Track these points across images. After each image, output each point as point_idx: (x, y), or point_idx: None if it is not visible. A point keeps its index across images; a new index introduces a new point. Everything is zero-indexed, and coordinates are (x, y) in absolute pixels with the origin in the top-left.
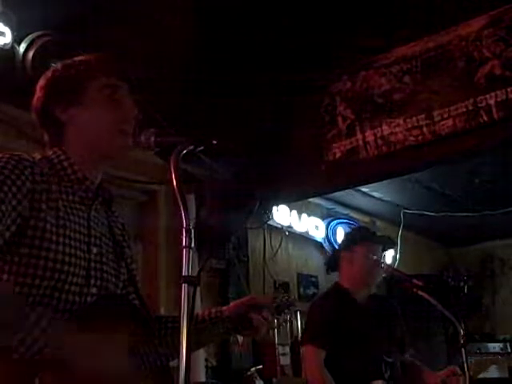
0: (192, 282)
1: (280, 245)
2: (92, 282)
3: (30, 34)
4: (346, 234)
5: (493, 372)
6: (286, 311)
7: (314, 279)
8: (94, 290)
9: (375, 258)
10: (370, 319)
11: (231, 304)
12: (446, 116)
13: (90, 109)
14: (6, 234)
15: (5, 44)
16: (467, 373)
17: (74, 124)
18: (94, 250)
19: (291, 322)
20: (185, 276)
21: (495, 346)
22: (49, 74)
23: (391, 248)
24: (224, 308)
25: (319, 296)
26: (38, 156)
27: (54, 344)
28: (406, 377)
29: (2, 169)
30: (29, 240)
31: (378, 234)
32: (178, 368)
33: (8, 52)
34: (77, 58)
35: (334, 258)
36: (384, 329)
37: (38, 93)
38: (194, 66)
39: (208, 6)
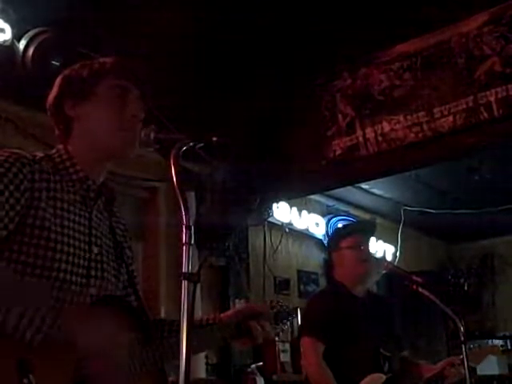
0: (192, 278)
1: (280, 242)
2: (92, 281)
3: (30, 30)
4: (330, 236)
5: (493, 368)
6: (284, 321)
7: (314, 276)
8: (93, 290)
9: (362, 247)
10: (369, 313)
11: (229, 311)
12: (446, 113)
13: (98, 106)
14: (3, 233)
15: (4, 41)
16: (467, 368)
17: (81, 120)
18: (95, 249)
19: (291, 320)
20: (185, 273)
21: (495, 343)
22: (66, 72)
23: (374, 230)
24: (222, 315)
25: (317, 290)
26: (40, 154)
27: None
28: (404, 371)
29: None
30: (27, 238)
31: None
32: (178, 365)
33: (8, 49)
34: (94, 60)
35: (327, 265)
36: (382, 325)
37: (53, 89)
38: (194, 63)
39: (208, 3)
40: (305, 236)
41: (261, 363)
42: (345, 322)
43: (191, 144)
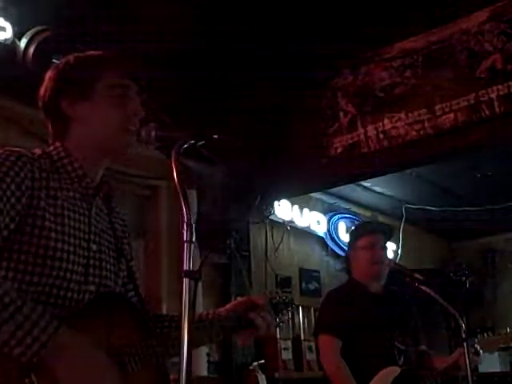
0: (193, 276)
1: (282, 240)
2: (90, 279)
3: (31, 29)
4: (349, 236)
5: (495, 365)
6: (284, 311)
7: (315, 274)
8: (92, 288)
9: (377, 247)
10: (384, 308)
11: (228, 305)
12: (447, 110)
13: (98, 106)
14: (4, 233)
15: (5, 39)
16: (469, 366)
17: (80, 119)
18: (94, 247)
19: (293, 317)
20: (186, 270)
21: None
22: (60, 65)
23: (391, 234)
24: (221, 309)
25: (333, 288)
26: (38, 152)
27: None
28: (419, 364)
29: (0, 165)
30: (27, 237)
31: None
32: (179, 363)
33: (9, 47)
34: (89, 53)
35: (346, 264)
36: (398, 320)
37: (47, 83)
38: (195, 60)
39: None
40: (306, 234)
41: (262, 361)
42: (359, 317)
43: (192, 142)
